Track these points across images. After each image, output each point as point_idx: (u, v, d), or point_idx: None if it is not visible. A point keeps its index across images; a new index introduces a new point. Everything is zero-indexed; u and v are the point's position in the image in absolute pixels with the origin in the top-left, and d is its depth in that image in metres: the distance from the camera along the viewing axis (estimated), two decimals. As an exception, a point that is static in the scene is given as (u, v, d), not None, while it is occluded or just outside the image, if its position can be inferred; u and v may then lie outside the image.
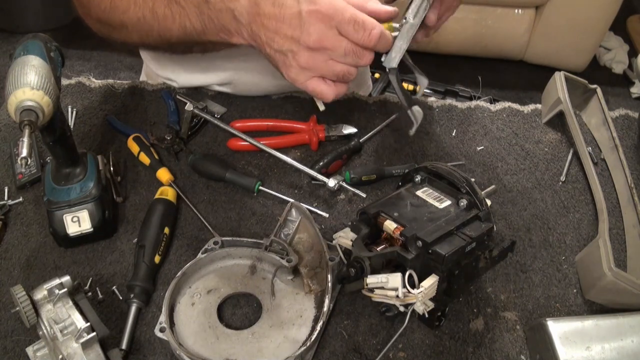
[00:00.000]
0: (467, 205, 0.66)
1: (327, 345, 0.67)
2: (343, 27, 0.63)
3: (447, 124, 0.97)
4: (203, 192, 0.83)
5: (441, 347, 0.67)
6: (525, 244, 0.80)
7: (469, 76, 2.45)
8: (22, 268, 0.72)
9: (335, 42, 0.64)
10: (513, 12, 2.43)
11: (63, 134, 0.70)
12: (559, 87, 0.95)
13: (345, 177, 0.83)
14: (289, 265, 0.69)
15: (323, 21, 0.63)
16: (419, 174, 0.72)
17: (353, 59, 0.66)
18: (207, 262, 0.72)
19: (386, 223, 0.65)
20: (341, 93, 0.69)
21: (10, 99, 0.58)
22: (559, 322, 0.65)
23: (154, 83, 1.00)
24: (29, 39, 0.66)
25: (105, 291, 0.70)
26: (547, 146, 0.95)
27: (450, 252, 0.59)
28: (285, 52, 0.66)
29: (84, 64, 2.50)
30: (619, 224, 0.83)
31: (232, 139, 0.88)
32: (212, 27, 0.72)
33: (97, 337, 0.58)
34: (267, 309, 0.69)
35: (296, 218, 0.75)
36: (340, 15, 0.63)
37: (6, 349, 0.64)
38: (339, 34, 0.64)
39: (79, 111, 0.93)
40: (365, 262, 0.62)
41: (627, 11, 2.78)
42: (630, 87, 2.63)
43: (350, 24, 0.63)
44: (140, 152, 0.84)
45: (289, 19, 0.64)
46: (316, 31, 0.64)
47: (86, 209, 0.72)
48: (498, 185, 0.87)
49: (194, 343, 0.65)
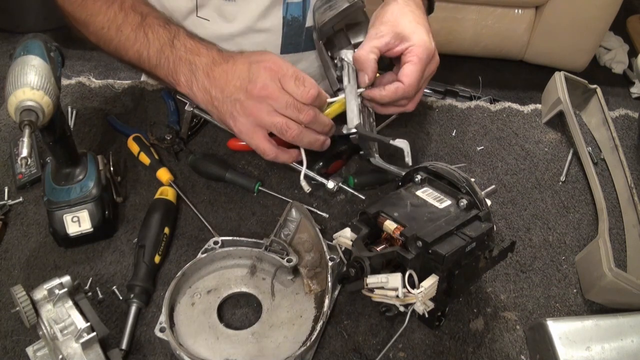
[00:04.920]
0: (467, 205, 0.66)
1: (327, 345, 0.67)
2: (285, 81, 0.71)
3: (447, 124, 0.97)
4: (203, 192, 0.83)
5: (441, 347, 0.67)
6: (525, 244, 0.80)
7: (469, 76, 2.45)
8: (22, 268, 0.72)
9: (277, 94, 0.71)
10: (513, 12, 2.43)
11: (63, 134, 0.70)
12: (559, 87, 0.95)
13: (348, 182, 0.83)
14: (289, 265, 0.69)
15: (268, 73, 0.71)
16: (419, 174, 0.72)
17: (293, 112, 0.71)
18: (207, 262, 0.72)
19: (386, 223, 0.65)
20: (283, 158, 0.75)
21: (10, 99, 0.58)
22: (559, 322, 0.65)
23: (154, 83, 1.00)
24: (29, 39, 0.66)
25: (105, 291, 0.70)
26: (547, 146, 0.95)
27: (450, 252, 0.59)
28: (233, 100, 0.73)
29: (84, 64, 2.50)
30: (619, 224, 0.83)
31: (232, 139, 0.88)
32: (167, 68, 0.77)
33: (97, 337, 0.58)
34: (267, 309, 0.69)
35: (296, 218, 0.75)
36: (285, 71, 0.71)
37: (6, 349, 0.64)
38: (282, 87, 0.71)
39: (79, 111, 0.93)
40: (365, 262, 0.62)
41: (627, 11, 2.77)
42: (630, 87, 2.63)
43: (292, 79, 0.71)
44: (140, 152, 0.84)
45: (238, 72, 0.72)
46: (261, 81, 0.71)
47: (86, 209, 0.72)
48: (498, 185, 0.87)
49: (194, 343, 0.65)
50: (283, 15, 0.90)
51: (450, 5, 2.37)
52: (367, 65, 0.76)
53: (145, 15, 0.79)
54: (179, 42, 0.76)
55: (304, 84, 0.71)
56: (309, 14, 0.91)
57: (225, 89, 0.73)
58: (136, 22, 0.78)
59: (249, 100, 0.72)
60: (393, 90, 0.76)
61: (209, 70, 0.74)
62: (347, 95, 0.78)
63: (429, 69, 0.80)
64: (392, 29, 0.78)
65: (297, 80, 0.71)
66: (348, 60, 0.79)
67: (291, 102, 0.71)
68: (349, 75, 0.79)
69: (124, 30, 0.79)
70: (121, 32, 0.79)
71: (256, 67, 0.72)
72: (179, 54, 0.76)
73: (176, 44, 0.76)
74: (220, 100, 0.74)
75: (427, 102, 1.01)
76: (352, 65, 0.79)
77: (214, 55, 0.75)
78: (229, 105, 0.74)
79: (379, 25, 0.79)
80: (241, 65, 0.73)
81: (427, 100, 1.01)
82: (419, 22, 0.79)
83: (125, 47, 0.79)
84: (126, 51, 0.80)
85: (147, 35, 0.78)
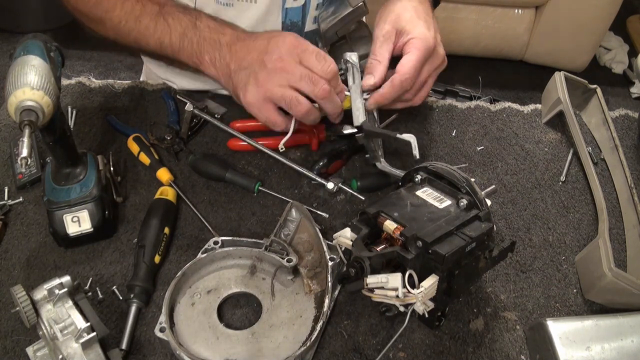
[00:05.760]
0: (467, 205, 0.66)
1: (327, 345, 0.67)
2: (306, 56, 0.71)
3: (447, 124, 0.97)
4: (203, 192, 0.83)
5: (441, 347, 0.67)
6: (525, 244, 0.80)
7: (469, 76, 2.45)
8: (22, 268, 0.72)
9: (292, 66, 0.71)
10: (513, 12, 2.43)
11: (63, 134, 0.70)
12: (559, 87, 0.95)
13: (351, 186, 0.82)
14: (289, 265, 0.69)
15: (287, 46, 0.71)
16: (419, 174, 0.72)
17: (308, 85, 0.71)
18: (207, 262, 0.72)
19: (386, 223, 0.64)
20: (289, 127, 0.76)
21: (10, 99, 0.58)
22: (559, 322, 0.65)
23: (154, 83, 1.00)
24: (29, 39, 0.66)
25: (105, 291, 0.70)
26: (547, 146, 0.95)
27: (450, 252, 0.59)
28: (248, 72, 0.73)
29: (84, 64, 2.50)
30: (619, 224, 0.83)
31: (232, 139, 0.88)
32: (190, 50, 0.78)
33: (97, 337, 0.58)
34: (267, 309, 0.69)
35: (296, 218, 0.75)
36: (306, 46, 0.72)
37: (6, 349, 0.64)
38: (299, 62, 0.71)
39: (79, 111, 0.93)
40: (365, 262, 0.62)
41: (627, 11, 2.77)
42: (630, 87, 2.63)
43: (312, 54, 0.71)
44: (140, 152, 0.84)
45: (258, 45, 0.73)
46: (278, 52, 0.71)
47: (86, 209, 0.72)
48: (498, 185, 0.87)
49: (194, 343, 0.65)
50: (282, 21, 0.90)
51: (450, 5, 2.37)
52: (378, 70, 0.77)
53: (163, 3, 0.79)
54: (202, 24, 0.77)
55: (325, 59, 0.71)
56: (308, 18, 0.91)
57: (243, 61, 0.73)
58: (155, 11, 0.79)
59: (263, 72, 0.71)
60: (389, 83, 0.77)
61: (232, 45, 0.75)
62: (352, 94, 0.78)
63: (432, 63, 0.80)
64: (394, 25, 0.78)
65: (319, 55, 0.71)
66: (353, 62, 0.79)
67: (306, 74, 0.70)
68: (353, 76, 0.79)
69: (143, 20, 0.79)
70: (140, 22, 0.79)
71: (275, 41, 0.72)
72: (203, 34, 0.76)
73: (199, 26, 0.77)
74: (236, 72, 0.74)
75: (427, 102, 1.01)
76: (356, 66, 0.79)
77: (238, 33, 0.76)
78: (243, 76, 0.73)
79: (383, 24, 0.79)
80: (262, 40, 0.74)
81: (427, 100, 1.01)
82: (419, 16, 0.80)
83: (145, 36, 0.80)
84: (147, 40, 0.80)
85: (168, 21, 0.78)
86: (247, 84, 0.73)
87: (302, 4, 0.89)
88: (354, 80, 0.79)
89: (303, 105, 0.72)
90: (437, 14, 0.87)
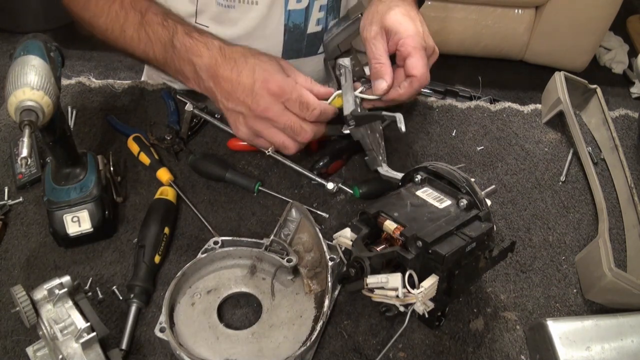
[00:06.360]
0: (467, 205, 0.66)
1: (327, 345, 0.67)
2: (290, 104, 0.73)
3: (447, 124, 0.97)
4: (203, 192, 0.83)
5: (441, 347, 0.67)
6: (525, 244, 0.80)
7: (469, 76, 2.45)
8: (22, 268, 0.72)
9: (278, 116, 0.74)
10: (513, 12, 2.43)
11: (63, 134, 0.70)
12: (559, 87, 0.95)
13: (354, 192, 0.82)
14: (289, 265, 0.69)
15: (272, 96, 0.73)
16: (419, 174, 0.71)
17: (290, 134, 0.75)
18: (207, 262, 0.72)
19: (386, 223, 0.64)
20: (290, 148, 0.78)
21: (10, 99, 0.58)
22: (559, 322, 0.65)
23: (154, 83, 1.00)
24: (29, 39, 0.66)
25: (105, 291, 0.70)
26: (547, 146, 0.95)
27: (450, 252, 0.59)
28: (237, 112, 0.76)
29: (84, 64, 2.50)
30: (619, 224, 0.83)
31: (232, 139, 0.88)
32: (173, 67, 0.79)
33: (97, 337, 0.58)
34: (267, 309, 0.69)
35: (296, 218, 0.75)
36: (289, 94, 0.73)
37: (6, 349, 0.64)
38: (285, 108, 0.74)
39: (79, 111, 0.93)
40: (365, 262, 0.62)
41: (627, 11, 2.77)
42: (630, 87, 2.63)
43: (296, 103, 0.73)
44: (140, 152, 0.84)
45: (242, 86, 0.73)
46: (264, 103, 0.73)
47: (86, 209, 0.72)
48: (498, 185, 0.87)
49: (194, 343, 0.65)
50: (285, 23, 0.90)
51: (450, 5, 2.37)
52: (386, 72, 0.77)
53: (144, 12, 0.78)
54: (179, 42, 0.76)
55: (307, 107, 0.73)
56: (310, 21, 0.91)
57: (229, 98, 0.75)
58: (137, 21, 0.78)
59: (251, 117, 0.75)
60: (407, 85, 0.77)
61: (213, 73, 0.75)
62: (344, 90, 0.79)
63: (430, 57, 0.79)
64: (381, 25, 0.77)
65: (302, 104, 0.73)
66: (345, 66, 0.82)
67: (289, 124, 0.74)
68: (345, 76, 0.81)
69: (127, 31, 0.79)
70: (125, 32, 0.79)
71: (260, 87, 0.73)
72: (181, 54, 0.76)
73: (176, 44, 0.76)
74: (224, 106, 0.77)
75: (427, 102, 1.01)
76: (348, 68, 0.81)
77: (215, 56, 0.75)
78: (232, 115, 0.77)
79: (369, 26, 0.78)
80: (245, 78, 0.73)
81: (427, 100, 1.01)
82: (404, 14, 0.78)
83: (131, 47, 0.80)
84: (133, 51, 0.81)
85: (149, 34, 0.78)
86: (236, 122, 0.77)
87: (306, 6, 0.89)
88: (346, 80, 0.81)
89: (291, 148, 0.77)
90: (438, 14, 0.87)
